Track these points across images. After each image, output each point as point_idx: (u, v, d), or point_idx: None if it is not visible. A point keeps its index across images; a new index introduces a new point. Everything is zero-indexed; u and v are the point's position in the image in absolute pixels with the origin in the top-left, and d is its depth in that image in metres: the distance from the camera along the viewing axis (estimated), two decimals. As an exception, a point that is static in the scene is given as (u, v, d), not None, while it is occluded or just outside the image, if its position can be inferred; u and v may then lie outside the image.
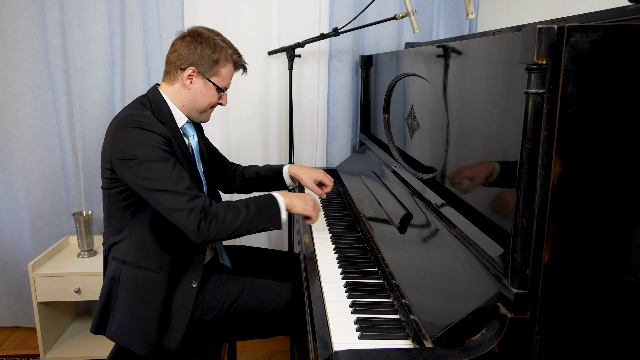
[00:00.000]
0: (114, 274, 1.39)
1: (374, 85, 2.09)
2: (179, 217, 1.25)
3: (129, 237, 1.39)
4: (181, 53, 1.40)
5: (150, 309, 1.37)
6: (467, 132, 1.10)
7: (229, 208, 1.31)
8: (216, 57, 1.41)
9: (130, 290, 1.38)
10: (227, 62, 1.44)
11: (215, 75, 1.43)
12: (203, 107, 1.46)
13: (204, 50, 1.39)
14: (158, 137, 1.30)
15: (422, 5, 2.20)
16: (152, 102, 1.42)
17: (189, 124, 1.49)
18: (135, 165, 1.27)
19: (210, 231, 1.26)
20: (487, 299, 0.87)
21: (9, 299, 2.40)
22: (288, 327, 1.47)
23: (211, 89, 1.44)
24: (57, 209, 2.31)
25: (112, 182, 1.37)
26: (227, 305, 1.42)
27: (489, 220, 0.99)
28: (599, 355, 0.86)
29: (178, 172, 1.29)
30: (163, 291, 1.38)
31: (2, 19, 2.10)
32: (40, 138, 2.22)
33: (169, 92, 1.44)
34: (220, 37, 1.45)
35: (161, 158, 1.28)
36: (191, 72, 1.40)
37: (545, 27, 0.74)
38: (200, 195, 1.29)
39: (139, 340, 1.36)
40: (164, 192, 1.26)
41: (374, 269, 1.34)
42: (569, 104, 0.77)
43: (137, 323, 1.37)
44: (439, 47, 1.25)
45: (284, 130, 2.28)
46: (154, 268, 1.38)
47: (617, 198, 0.80)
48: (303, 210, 1.40)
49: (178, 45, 1.41)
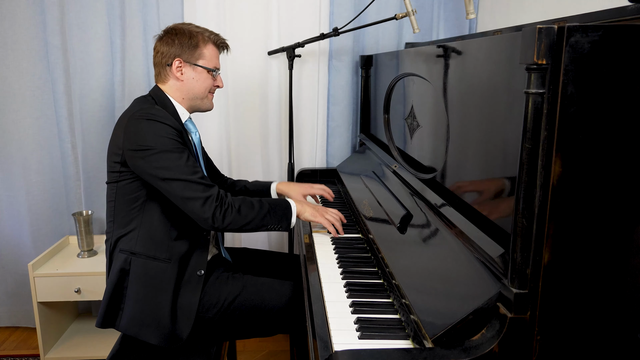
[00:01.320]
0: (123, 265, 1.41)
1: (374, 85, 2.09)
2: (193, 205, 1.32)
3: (137, 228, 1.41)
4: (163, 51, 1.46)
5: (162, 298, 1.38)
6: (467, 132, 1.10)
7: (244, 201, 1.40)
8: (195, 42, 1.46)
9: (141, 280, 1.40)
10: (207, 43, 1.49)
11: (200, 58, 1.47)
12: (201, 93, 1.50)
13: (182, 40, 1.45)
14: (171, 129, 1.35)
15: (422, 5, 2.20)
16: (156, 99, 1.47)
17: (190, 120, 1.54)
18: (151, 155, 1.32)
19: (225, 219, 1.34)
20: (487, 299, 0.87)
21: (9, 299, 2.40)
22: (288, 325, 1.48)
23: (202, 73, 1.48)
24: (57, 209, 2.30)
25: (122, 175, 1.40)
26: (227, 302, 1.43)
27: (489, 220, 0.99)
28: (599, 355, 0.86)
29: (193, 163, 1.36)
30: (173, 280, 1.40)
31: (2, 19, 2.10)
32: (40, 138, 2.22)
33: (167, 89, 1.49)
34: (193, 25, 1.51)
35: (176, 149, 1.34)
36: (178, 63, 1.45)
37: (545, 27, 0.74)
38: (214, 185, 1.37)
39: (153, 329, 1.37)
40: (180, 181, 1.32)
41: (374, 269, 1.34)
42: (569, 104, 0.77)
43: (150, 312, 1.38)
44: (439, 47, 1.25)
45: (284, 130, 2.28)
46: (163, 258, 1.41)
47: (617, 198, 0.80)
48: (312, 216, 1.50)
49: (157, 45, 1.48)
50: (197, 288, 1.43)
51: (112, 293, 1.41)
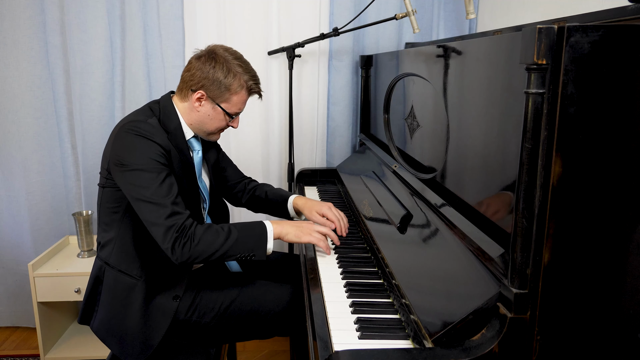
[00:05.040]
0: (98, 273, 1.43)
1: (374, 85, 2.09)
2: (157, 231, 1.25)
3: (114, 239, 1.40)
4: (194, 74, 1.35)
5: (129, 313, 1.37)
6: (467, 132, 1.10)
7: (208, 231, 1.28)
8: (228, 83, 1.35)
9: (112, 291, 1.40)
10: (241, 89, 1.37)
11: (225, 101, 1.37)
12: (210, 130, 1.43)
13: (217, 73, 1.34)
14: (157, 147, 1.29)
15: (422, 5, 2.20)
16: (162, 109, 1.41)
17: (195, 138, 1.46)
18: (128, 172, 1.27)
19: (183, 253, 1.24)
20: (487, 299, 0.87)
21: (9, 299, 2.40)
22: (286, 328, 1.47)
23: (220, 114, 1.39)
24: (57, 209, 2.31)
25: (108, 181, 1.38)
26: (224, 307, 1.42)
27: (489, 220, 0.99)
28: (599, 355, 0.86)
29: (167, 185, 1.27)
30: (141, 299, 1.37)
31: (2, 19, 2.10)
32: (40, 138, 2.22)
33: (180, 107, 1.42)
34: (239, 60, 1.38)
35: (154, 169, 1.27)
36: (200, 95, 1.36)
37: (545, 27, 0.74)
38: (182, 213, 1.27)
39: (117, 339, 1.38)
40: (147, 202, 1.25)
41: (374, 269, 1.34)
42: (569, 104, 0.77)
43: (117, 323, 1.38)
44: (439, 47, 1.25)
45: (284, 130, 2.28)
46: (134, 275, 1.38)
47: (617, 198, 0.80)
48: (296, 237, 1.37)
49: (193, 64, 1.37)
50: (168, 313, 1.36)
51: (89, 294, 1.44)
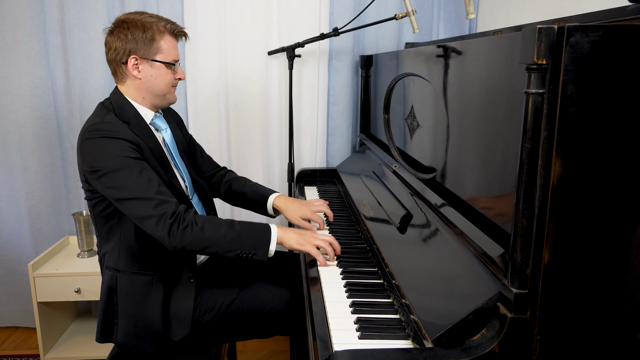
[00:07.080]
0: (110, 283, 1.40)
1: (374, 85, 2.09)
2: (148, 224, 1.24)
3: (118, 245, 1.38)
4: (116, 47, 1.34)
5: (152, 310, 1.37)
6: (467, 132, 1.10)
7: (210, 220, 1.28)
8: (150, 35, 1.34)
9: (130, 296, 1.39)
10: (164, 34, 1.37)
11: (157, 52, 1.36)
12: (163, 90, 1.40)
13: (135, 33, 1.33)
14: (124, 142, 1.27)
15: (422, 5, 2.20)
16: (114, 103, 1.39)
17: (158, 117, 1.45)
18: (102, 177, 1.26)
19: (184, 237, 1.23)
20: (487, 299, 0.87)
21: (9, 299, 2.40)
22: (287, 327, 1.47)
23: (161, 68, 1.38)
24: (57, 209, 2.31)
25: (92, 194, 1.36)
26: (224, 306, 1.42)
27: (489, 220, 0.99)
28: (599, 355, 0.86)
29: (146, 178, 1.26)
30: (161, 291, 1.38)
31: (2, 19, 2.10)
32: (40, 138, 2.22)
33: (126, 90, 1.40)
34: (146, 14, 1.38)
35: (126, 165, 1.25)
36: (134, 60, 1.34)
37: (545, 27, 0.74)
38: (169, 200, 1.26)
39: (149, 340, 1.38)
40: (131, 200, 1.24)
41: (374, 269, 1.34)
42: (569, 104, 0.77)
43: (143, 325, 1.38)
44: (439, 47, 1.25)
45: (284, 130, 2.28)
46: (148, 272, 1.38)
47: (617, 198, 0.80)
48: (298, 244, 1.34)
49: (109, 40, 1.36)
50: (189, 292, 1.40)
51: (104, 310, 1.41)
